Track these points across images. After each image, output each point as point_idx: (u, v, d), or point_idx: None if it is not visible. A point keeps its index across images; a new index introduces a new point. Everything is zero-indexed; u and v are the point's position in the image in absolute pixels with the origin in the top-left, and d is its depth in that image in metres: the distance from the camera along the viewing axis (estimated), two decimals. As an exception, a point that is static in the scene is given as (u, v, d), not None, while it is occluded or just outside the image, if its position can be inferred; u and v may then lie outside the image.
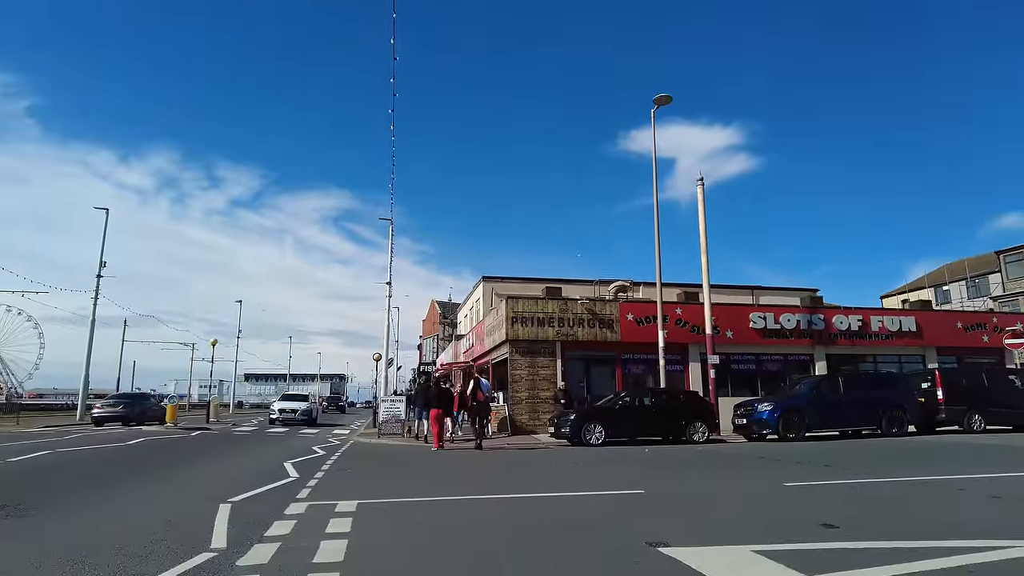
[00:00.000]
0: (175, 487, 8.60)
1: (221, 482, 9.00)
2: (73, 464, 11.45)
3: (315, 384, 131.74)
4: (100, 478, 9.46)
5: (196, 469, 10.93)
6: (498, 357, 22.63)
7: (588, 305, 20.98)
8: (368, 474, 10.77)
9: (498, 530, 5.75)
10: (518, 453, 14.95)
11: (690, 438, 16.79)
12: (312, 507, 6.88)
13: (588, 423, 16.19)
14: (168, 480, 9.31)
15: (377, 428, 20.31)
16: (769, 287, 37.20)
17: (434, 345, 56.42)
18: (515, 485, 9.21)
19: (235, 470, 10.82)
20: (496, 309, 22.16)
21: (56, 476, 9.63)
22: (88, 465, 11.39)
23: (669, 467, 11.70)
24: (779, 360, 23.35)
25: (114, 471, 10.52)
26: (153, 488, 8.44)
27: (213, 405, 30.47)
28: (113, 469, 10.84)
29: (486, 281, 33.96)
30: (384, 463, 12.74)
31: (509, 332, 20.18)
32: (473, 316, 36.84)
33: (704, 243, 20.49)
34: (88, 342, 33.19)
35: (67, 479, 9.31)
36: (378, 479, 10.07)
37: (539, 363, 20.32)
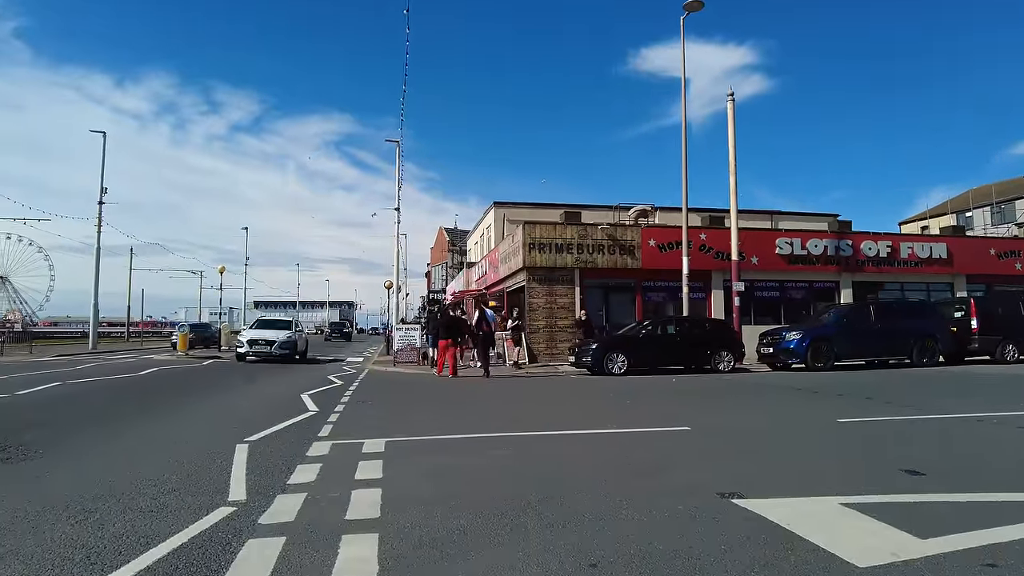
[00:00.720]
0: (188, 424, 8.10)
1: (237, 418, 8.51)
2: (82, 397, 11.01)
3: (324, 311, 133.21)
4: (109, 414, 8.98)
5: (209, 403, 10.48)
6: (514, 285, 21.99)
7: (609, 231, 20.12)
8: (390, 407, 10.30)
9: (546, 477, 5.19)
10: (542, 382, 14.54)
11: (715, 367, 16.33)
12: (336, 447, 6.35)
13: (610, 352, 15.69)
14: (181, 416, 8.82)
15: (392, 356, 19.94)
16: (789, 212, 36.18)
17: (443, 273, 55.91)
18: (549, 420, 8.67)
19: (250, 403, 10.36)
20: (512, 235, 21.35)
21: (64, 411, 9.17)
22: (97, 399, 10.95)
23: (705, 399, 11.21)
24: (803, 287, 22.64)
25: (124, 406, 10.06)
26: (165, 426, 7.93)
27: (224, 333, 30.19)
28: (123, 404, 10.38)
29: (498, 207, 33.00)
30: (404, 394, 12.30)
31: (526, 259, 19.44)
32: (484, 243, 36.07)
33: (733, 163, 19.42)
34: (95, 270, 32.75)
35: (75, 415, 8.83)
36: (402, 412, 9.58)
37: (557, 291, 19.69)
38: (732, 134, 19.61)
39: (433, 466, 5.59)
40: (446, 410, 10.01)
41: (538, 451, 6.38)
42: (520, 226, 19.95)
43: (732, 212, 19.56)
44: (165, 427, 7.79)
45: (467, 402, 11.21)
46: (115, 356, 24.38)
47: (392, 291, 34.50)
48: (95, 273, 32.71)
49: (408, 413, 9.53)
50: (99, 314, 33.89)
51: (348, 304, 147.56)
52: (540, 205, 33.20)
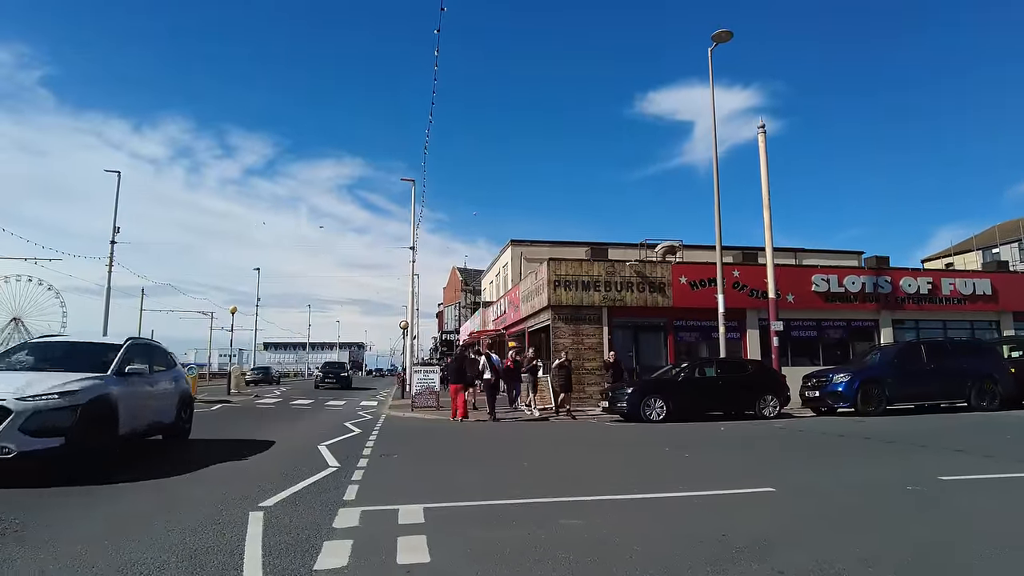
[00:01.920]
0: (191, 484, 7.05)
1: (248, 475, 7.47)
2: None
3: (334, 352, 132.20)
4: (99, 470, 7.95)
5: (217, 455, 9.43)
6: (537, 324, 21.00)
7: (637, 267, 19.20)
8: (418, 462, 9.19)
9: (638, 563, 4.13)
10: (576, 430, 13.46)
11: (759, 412, 15.16)
12: (367, 516, 5.31)
13: (648, 397, 14.57)
14: (184, 472, 7.78)
15: (410, 401, 18.86)
16: (813, 249, 35.19)
17: (456, 313, 55.02)
18: (603, 478, 7.59)
19: (263, 456, 9.31)
20: (534, 273, 20.46)
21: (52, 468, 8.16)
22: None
23: (769, 451, 10.09)
24: (841, 326, 21.53)
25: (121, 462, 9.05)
26: (164, 486, 6.91)
27: (234, 376, 29.17)
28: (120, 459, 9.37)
29: (514, 245, 32.21)
30: (430, 445, 11.20)
31: (551, 297, 18.50)
32: (500, 282, 35.22)
33: (767, 197, 18.59)
34: (104, 309, 31.97)
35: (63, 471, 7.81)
36: (433, 469, 8.48)
37: (584, 331, 18.67)
38: (764, 168, 18.83)
39: (489, 544, 4.54)
40: (481, 466, 8.93)
41: (609, 522, 5.29)
42: (544, 263, 19.07)
43: (767, 248, 18.64)
44: (166, 487, 6.76)
45: (502, 455, 10.14)
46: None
47: (407, 332, 33.58)
48: (105, 313, 31.95)
49: (440, 470, 8.45)
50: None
51: (358, 345, 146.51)
52: (558, 243, 32.42)
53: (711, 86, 18.88)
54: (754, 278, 20.11)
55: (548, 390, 19.45)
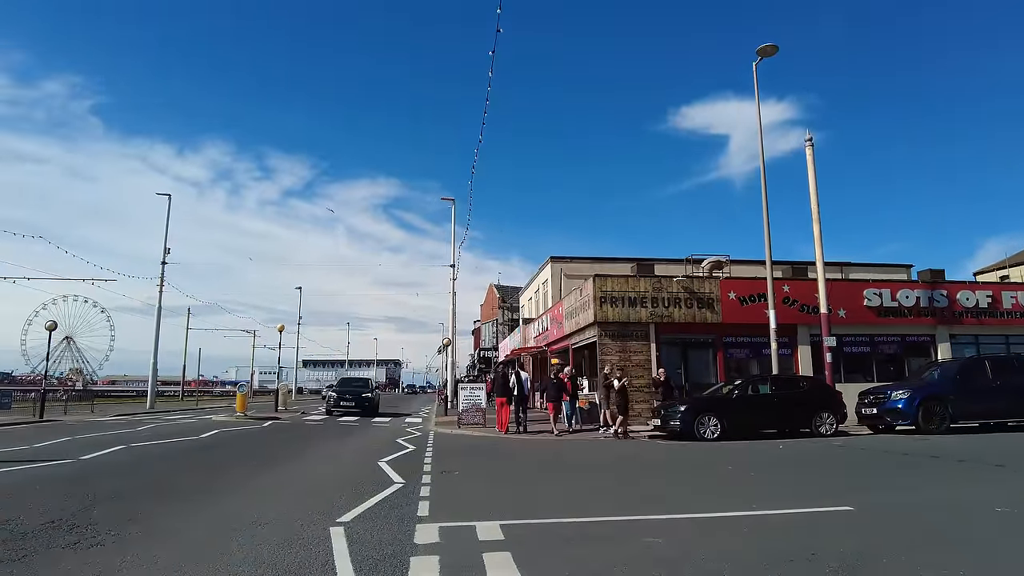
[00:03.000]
0: (267, 499, 7.18)
1: (318, 491, 7.57)
2: (148, 465, 10.26)
3: (371, 369, 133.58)
4: (179, 486, 8.17)
5: (284, 471, 9.60)
6: (581, 341, 20.90)
7: (685, 283, 19.01)
8: (481, 478, 9.21)
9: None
10: (631, 449, 13.32)
11: (816, 430, 14.80)
12: (446, 532, 5.34)
13: (702, 415, 14.35)
14: (256, 488, 7.92)
15: (455, 418, 18.88)
16: (860, 263, 34.39)
17: (493, 330, 55.09)
18: (675, 495, 7.50)
19: (327, 472, 9.43)
20: (579, 289, 20.41)
21: (131, 481, 8.41)
22: (164, 466, 10.17)
23: (835, 469, 9.88)
24: (895, 342, 20.91)
25: (194, 475, 9.27)
26: (241, 501, 7.04)
27: (281, 393, 29.68)
28: (192, 472, 9.57)
29: (554, 262, 32.25)
30: (488, 462, 11.21)
31: (597, 313, 18.41)
32: (540, 299, 35.22)
33: (816, 210, 18.26)
34: (155, 327, 33.07)
35: (143, 486, 8.04)
36: (498, 485, 8.47)
37: (631, 347, 18.50)
38: (813, 180, 18.53)
39: (575, 561, 4.51)
40: (546, 482, 8.90)
41: (692, 540, 5.22)
42: (590, 279, 19.01)
43: (818, 261, 18.29)
44: (242, 502, 6.89)
45: (563, 472, 10.11)
46: (173, 416, 23.98)
47: (449, 348, 33.76)
48: (155, 333, 33.01)
49: (505, 486, 8.44)
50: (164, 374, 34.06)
51: (394, 363, 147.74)
52: (599, 259, 32.33)
53: (756, 100, 18.75)
54: (804, 293, 19.73)
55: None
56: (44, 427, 18.27)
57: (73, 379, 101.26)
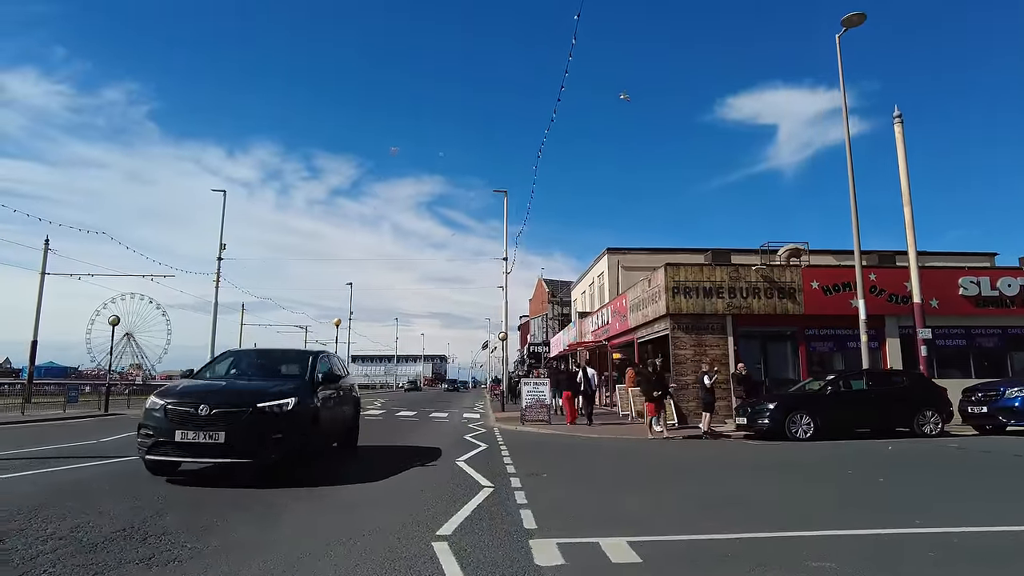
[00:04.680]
0: (353, 505, 6.49)
1: (404, 496, 6.87)
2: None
3: (418, 364, 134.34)
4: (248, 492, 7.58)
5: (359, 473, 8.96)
6: (649, 335, 19.87)
7: (764, 272, 17.78)
8: (573, 482, 8.32)
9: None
10: (721, 451, 12.35)
11: (918, 430, 13.52)
12: (568, 550, 4.54)
13: (793, 413, 13.22)
14: (339, 493, 7.24)
15: (519, 414, 18.12)
16: (937, 252, 32.26)
17: (543, 324, 54.21)
18: (808, 508, 6.52)
19: (410, 474, 8.74)
20: (647, 280, 19.38)
21: (198, 484, 7.89)
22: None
23: (970, 475, 8.76)
24: (995, 334, 19.19)
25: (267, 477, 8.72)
26: (325, 508, 6.38)
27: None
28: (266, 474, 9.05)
29: (611, 253, 31.19)
30: (573, 464, 10.35)
31: (670, 305, 17.35)
32: (595, 292, 34.21)
33: (907, 192, 16.88)
34: (212, 322, 33.32)
35: (215, 490, 7.49)
36: (597, 490, 7.57)
37: (706, 341, 17.39)
38: (903, 160, 17.09)
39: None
40: (651, 488, 8.01)
41: (874, 567, 4.28)
42: (660, 269, 17.96)
43: (910, 247, 16.87)
44: (326, 509, 6.23)
45: (663, 476, 9.23)
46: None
47: (504, 343, 33.11)
48: (213, 325, 33.26)
49: (605, 491, 7.55)
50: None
51: (440, 358, 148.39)
52: (658, 250, 31.08)
53: (840, 75, 17.40)
54: (892, 282, 18.29)
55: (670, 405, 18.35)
56: (109, 421, 18.29)
57: (133, 374, 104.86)
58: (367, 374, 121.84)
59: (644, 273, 28.93)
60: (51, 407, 23.60)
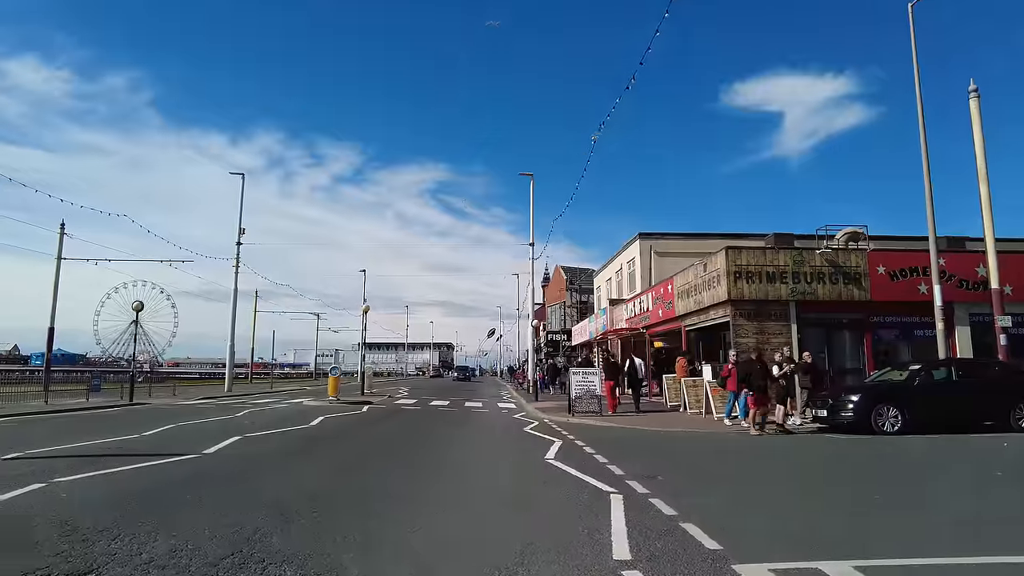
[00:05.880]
0: (476, 516, 5.62)
1: (528, 504, 6.00)
2: (280, 458, 8.93)
3: (425, 352, 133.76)
4: (346, 496, 6.69)
5: (452, 472, 8.07)
6: (702, 322, 18.94)
7: (829, 256, 16.83)
8: (706, 483, 7.40)
9: None
10: (806, 446, 11.49)
11: (1016, 425, 12.60)
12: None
13: (880, 405, 12.34)
14: (441, 497, 6.34)
15: (569, 402, 17.19)
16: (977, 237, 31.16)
17: (561, 313, 53.31)
18: (995, 516, 5.65)
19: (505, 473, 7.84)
20: (702, 264, 18.42)
21: (275, 481, 7.03)
22: (303, 466, 8.82)
23: None
24: (1075, 322, 18.20)
25: (348, 479, 7.85)
26: (448, 520, 5.49)
27: (368, 376, 28.66)
28: (343, 475, 8.16)
29: (643, 239, 30.16)
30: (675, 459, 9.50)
31: (731, 290, 16.41)
32: (624, 278, 33.25)
33: (983, 169, 15.87)
34: (232, 311, 32.52)
35: (301, 493, 6.62)
36: (745, 496, 6.66)
37: (769, 328, 16.47)
38: (980, 137, 16.08)
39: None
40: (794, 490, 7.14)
41: None
42: (720, 253, 16.99)
43: (986, 228, 15.88)
44: (451, 520, 5.35)
45: (793, 475, 8.37)
46: (263, 400, 23.04)
47: (532, 331, 32.22)
48: (232, 311, 32.48)
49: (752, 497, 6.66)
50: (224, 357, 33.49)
51: (447, 346, 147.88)
52: (692, 235, 30.15)
53: (912, 44, 16.31)
54: (962, 267, 17.34)
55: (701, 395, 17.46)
56: (138, 411, 17.47)
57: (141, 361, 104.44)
58: (374, 361, 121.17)
59: (678, 259, 27.98)
60: (71, 396, 22.79)
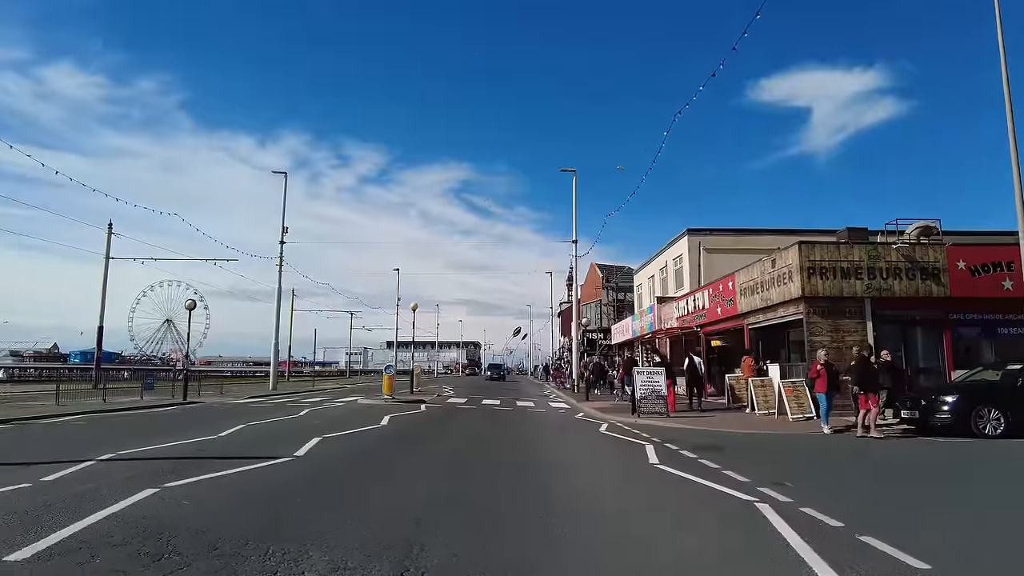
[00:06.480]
0: (645, 544, 5.27)
1: (686, 520, 5.63)
2: (380, 468, 8.71)
3: (452, 351, 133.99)
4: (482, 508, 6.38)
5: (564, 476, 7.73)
6: (768, 320, 18.37)
7: (906, 251, 16.18)
8: (837, 491, 6.88)
9: None
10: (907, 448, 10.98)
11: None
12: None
13: (980, 407, 11.77)
14: (597, 509, 6.01)
15: (634, 403, 16.77)
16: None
17: (597, 311, 52.79)
18: None
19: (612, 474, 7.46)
20: (769, 260, 17.85)
21: (401, 495, 6.75)
22: (405, 471, 8.57)
23: None
24: None
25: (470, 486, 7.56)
26: (619, 535, 5.16)
27: (416, 375, 28.52)
28: (456, 482, 7.87)
29: (692, 235, 29.60)
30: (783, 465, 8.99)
31: (805, 287, 15.85)
32: (670, 276, 32.68)
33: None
34: (276, 308, 32.58)
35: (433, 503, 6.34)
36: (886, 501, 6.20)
37: (843, 326, 15.88)
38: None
39: None
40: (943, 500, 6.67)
41: None
42: (792, 248, 16.42)
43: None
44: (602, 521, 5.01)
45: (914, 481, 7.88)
46: (313, 399, 22.98)
47: (579, 329, 31.84)
48: (276, 309, 32.54)
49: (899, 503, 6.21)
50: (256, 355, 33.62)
51: (475, 344, 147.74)
52: (742, 231, 29.60)
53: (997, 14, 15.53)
54: (1045, 261, 16.54)
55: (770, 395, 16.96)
56: (194, 410, 17.45)
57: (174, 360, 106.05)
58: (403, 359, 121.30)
59: (728, 255, 27.40)
60: (124, 393, 22.85)
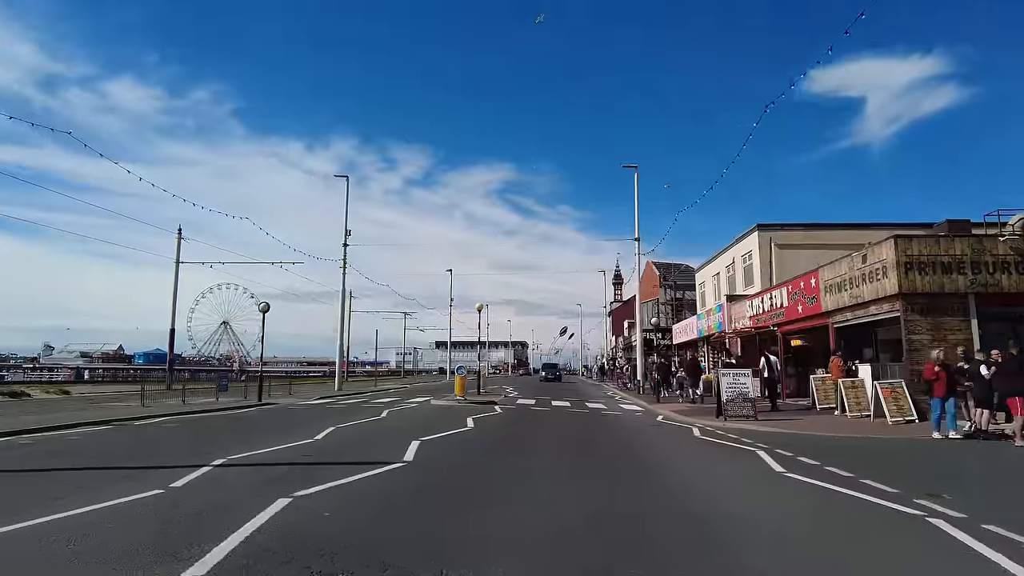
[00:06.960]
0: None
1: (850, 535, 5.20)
2: (506, 474, 8.51)
3: (499, 351, 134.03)
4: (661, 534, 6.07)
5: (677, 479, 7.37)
6: (858, 318, 17.50)
7: (1016, 243, 15.17)
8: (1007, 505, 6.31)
9: None
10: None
11: None
12: None
13: None
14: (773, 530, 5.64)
15: (721, 405, 16.19)
16: None
17: (653, 310, 51.86)
18: None
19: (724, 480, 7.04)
20: (860, 255, 16.99)
21: (563, 508, 6.50)
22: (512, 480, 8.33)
23: None
24: None
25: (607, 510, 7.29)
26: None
27: (482, 376, 28.45)
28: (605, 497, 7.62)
29: (762, 230, 28.66)
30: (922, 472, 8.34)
31: (903, 283, 15.00)
32: (738, 273, 31.76)
33: None
34: (340, 310, 33.31)
35: (589, 516, 6.06)
36: None
37: (945, 324, 14.96)
38: None
39: None
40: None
41: None
42: (887, 242, 15.57)
43: None
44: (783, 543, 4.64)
45: None
46: (387, 400, 23.06)
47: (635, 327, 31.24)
48: (341, 310, 33.12)
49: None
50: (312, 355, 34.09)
51: (522, 344, 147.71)
52: (814, 225, 28.48)
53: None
54: None
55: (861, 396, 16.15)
56: (273, 412, 17.67)
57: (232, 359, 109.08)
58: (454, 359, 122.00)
59: (801, 251, 26.44)
60: (199, 395, 23.31)
